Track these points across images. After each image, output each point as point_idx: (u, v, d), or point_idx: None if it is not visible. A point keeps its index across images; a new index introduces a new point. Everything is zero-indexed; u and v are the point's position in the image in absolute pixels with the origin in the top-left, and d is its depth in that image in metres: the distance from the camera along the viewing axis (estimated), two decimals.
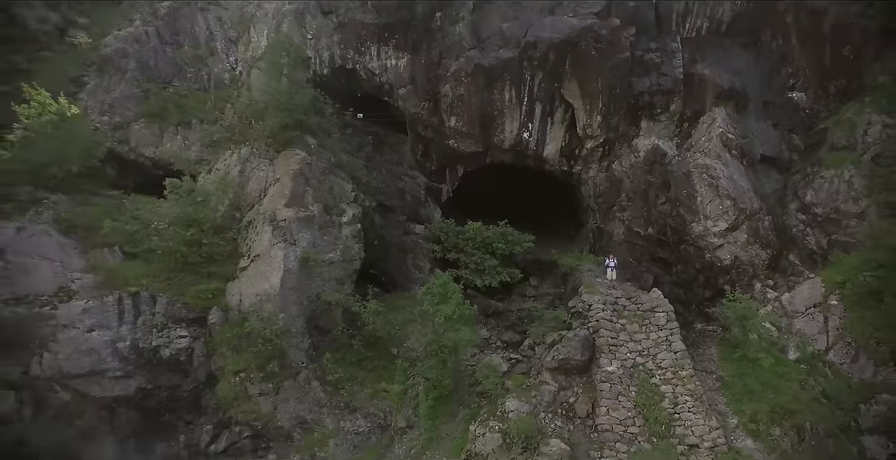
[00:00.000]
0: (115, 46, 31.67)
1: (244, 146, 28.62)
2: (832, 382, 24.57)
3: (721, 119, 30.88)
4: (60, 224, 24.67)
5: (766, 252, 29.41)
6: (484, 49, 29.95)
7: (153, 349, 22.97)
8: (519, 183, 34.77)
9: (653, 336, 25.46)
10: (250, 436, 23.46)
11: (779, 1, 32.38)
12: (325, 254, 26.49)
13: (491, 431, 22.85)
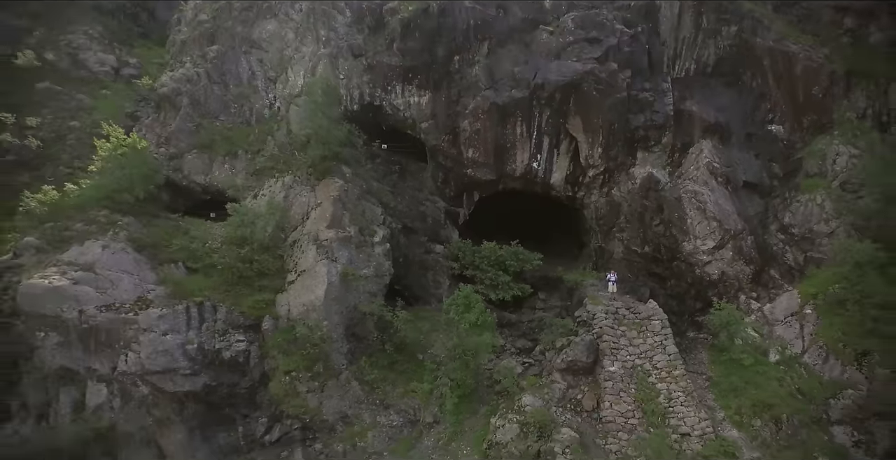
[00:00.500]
0: (171, 86, 36.07)
1: (287, 174, 32.92)
2: (806, 380, 28.43)
3: (708, 150, 35.29)
4: (134, 243, 28.69)
5: (749, 267, 33.55)
6: (498, 89, 34.52)
7: (216, 351, 26.80)
8: (528, 207, 39.06)
9: (649, 340, 29.39)
10: (299, 428, 27.14)
11: (756, 47, 37.35)
12: (360, 270, 30.54)
13: (510, 422, 26.66)
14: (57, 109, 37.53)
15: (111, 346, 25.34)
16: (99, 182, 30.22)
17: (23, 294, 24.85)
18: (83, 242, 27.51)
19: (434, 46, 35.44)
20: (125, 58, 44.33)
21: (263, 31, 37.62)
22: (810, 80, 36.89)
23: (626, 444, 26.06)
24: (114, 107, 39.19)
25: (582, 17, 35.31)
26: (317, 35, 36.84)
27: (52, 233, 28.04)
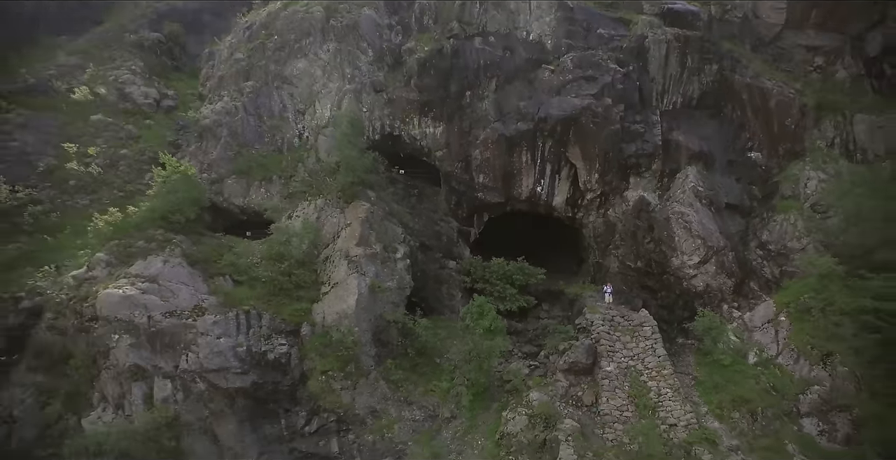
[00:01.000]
0: (212, 118, 40.79)
1: (319, 198, 37.39)
2: (779, 378, 32.57)
3: (693, 175, 39.90)
4: (188, 258, 32.97)
5: (731, 280, 37.91)
6: (505, 122, 39.28)
7: (262, 353, 30.90)
8: (533, 226, 43.56)
9: (641, 344, 33.65)
10: (335, 421, 31.10)
11: (735, 83, 42.25)
12: (385, 283, 34.85)
13: (519, 415, 30.83)
14: (109, 139, 42.26)
15: (174, 347, 29.52)
16: (154, 204, 34.69)
17: (101, 301, 29.13)
18: (146, 257, 31.85)
19: (448, 83, 40.31)
20: (164, 90, 49.21)
21: (294, 69, 42.38)
22: (783, 113, 41.77)
23: (621, 433, 30.22)
24: (157, 136, 43.92)
25: (580, 57, 40.18)
26: (342, 72, 41.67)
27: (118, 249, 32.37)
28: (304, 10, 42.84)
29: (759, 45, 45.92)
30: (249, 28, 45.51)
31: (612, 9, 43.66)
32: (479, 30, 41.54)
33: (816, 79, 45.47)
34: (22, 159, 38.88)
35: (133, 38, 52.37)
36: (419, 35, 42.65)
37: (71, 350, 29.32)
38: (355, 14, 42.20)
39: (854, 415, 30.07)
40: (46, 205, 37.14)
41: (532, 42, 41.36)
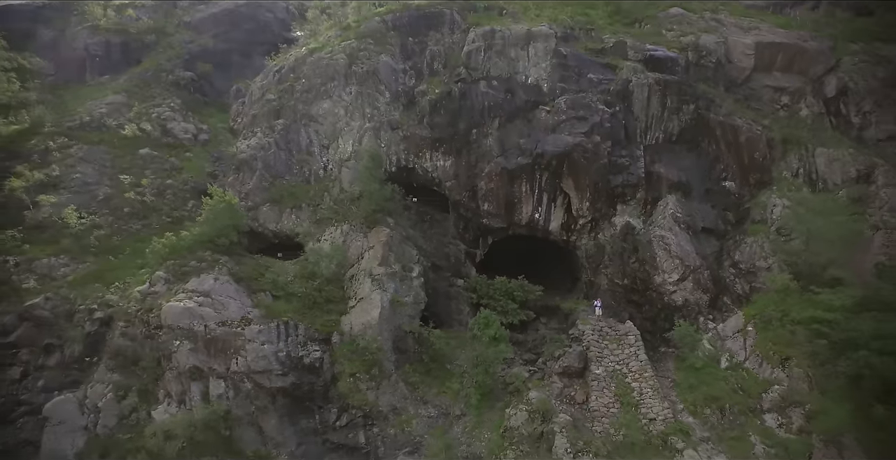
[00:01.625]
0: (248, 153, 46.81)
1: (345, 223, 43.21)
2: (745, 380, 37.95)
3: (672, 203, 45.79)
4: (233, 276, 38.65)
5: (706, 295, 43.52)
6: (507, 156, 45.32)
7: (299, 358, 36.36)
8: (533, 248, 49.31)
9: (626, 351, 39.08)
10: (361, 416, 36.44)
11: (710, 120, 48.32)
12: (403, 298, 40.53)
13: (520, 411, 36.22)
14: (156, 170, 48.28)
15: (225, 352, 34.99)
16: (203, 229, 40.49)
17: (165, 312, 34.74)
18: (199, 275, 37.54)
19: (456, 121, 46.51)
20: (199, 125, 55.37)
21: (320, 109, 48.48)
22: (752, 147, 47.89)
23: (608, 426, 35.62)
24: (197, 167, 49.94)
25: (572, 99, 46.37)
26: (363, 112, 47.80)
27: (174, 268, 38.08)
28: (329, 57, 49.13)
29: (732, 87, 52.29)
30: (279, 71, 51.81)
31: (601, 55, 49.91)
32: (484, 74, 47.91)
33: (783, 116, 51.92)
34: (84, 189, 44.80)
35: (170, 77, 58.80)
36: (430, 79, 49.01)
37: (140, 353, 34.86)
38: (374, 60, 48.48)
39: (806, 410, 35.38)
40: (107, 230, 43.01)
41: (530, 85, 47.65)
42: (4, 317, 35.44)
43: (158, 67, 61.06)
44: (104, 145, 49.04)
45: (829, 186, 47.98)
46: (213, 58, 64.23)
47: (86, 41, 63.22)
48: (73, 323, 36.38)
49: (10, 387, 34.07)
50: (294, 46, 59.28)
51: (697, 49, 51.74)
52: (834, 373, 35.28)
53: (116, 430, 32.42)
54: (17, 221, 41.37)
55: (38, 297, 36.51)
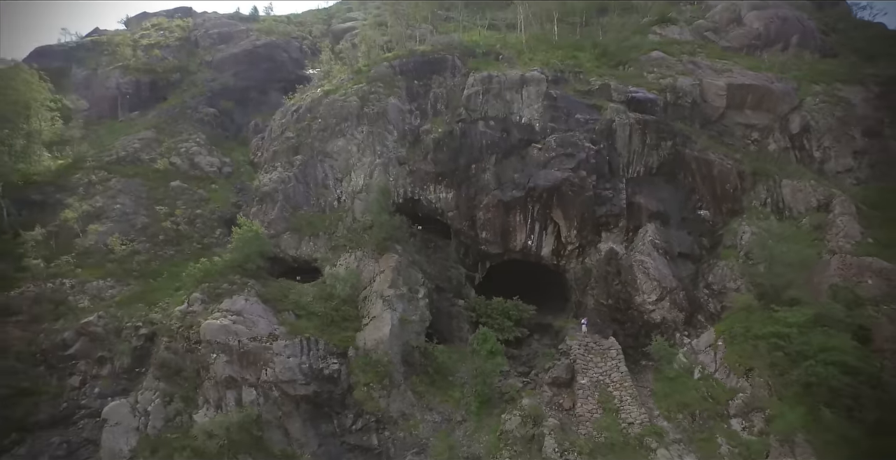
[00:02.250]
0: (270, 186, 52.72)
1: (358, 250, 48.89)
2: (714, 389, 43.18)
3: (651, 230, 51.53)
4: (261, 297, 44.24)
5: (682, 314, 49.00)
6: (503, 189, 51.21)
7: (319, 369, 41.72)
8: (527, 271, 54.95)
9: (608, 363, 44.48)
10: (374, 421, 41.67)
11: (686, 155, 54.28)
12: (411, 317, 46.01)
13: (514, 416, 41.48)
14: (187, 201, 54.08)
15: (256, 364, 40.40)
16: (233, 255, 46.19)
17: (204, 329, 40.25)
18: (231, 296, 43.15)
19: (457, 158, 52.53)
20: (223, 158, 61.37)
21: (335, 146, 54.50)
22: (724, 179, 53.81)
23: (591, 429, 40.86)
24: (222, 198, 55.79)
25: (561, 137, 52.42)
26: (373, 149, 53.78)
27: (209, 290, 43.67)
28: (343, 99, 55.32)
29: (707, 124, 58.54)
30: (297, 111, 58.03)
31: (588, 96, 56.12)
32: (482, 115, 54.11)
33: (753, 150, 58.12)
34: (124, 218, 50.50)
35: (196, 115, 65.00)
36: (434, 118, 55.23)
37: (182, 365, 40.26)
38: (383, 102, 54.66)
39: (766, 414, 40.62)
40: (146, 255, 48.65)
41: (524, 125, 53.75)
42: (64, 333, 41.01)
43: (184, 104, 67.32)
44: (139, 178, 54.97)
45: (794, 214, 53.73)
46: (233, 95, 70.53)
47: (118, 80, 69.68)
48: (122, 338, 41.86)
49: (72, 393, 39.46)
50: (309, 86, 65.75)
51: (675, 90, 58.03)
52: (789, 382, 40.42)
53: (164, 431, 37.67)
54: (69, 248, 47.11)
55: (92, 316, 42.04)
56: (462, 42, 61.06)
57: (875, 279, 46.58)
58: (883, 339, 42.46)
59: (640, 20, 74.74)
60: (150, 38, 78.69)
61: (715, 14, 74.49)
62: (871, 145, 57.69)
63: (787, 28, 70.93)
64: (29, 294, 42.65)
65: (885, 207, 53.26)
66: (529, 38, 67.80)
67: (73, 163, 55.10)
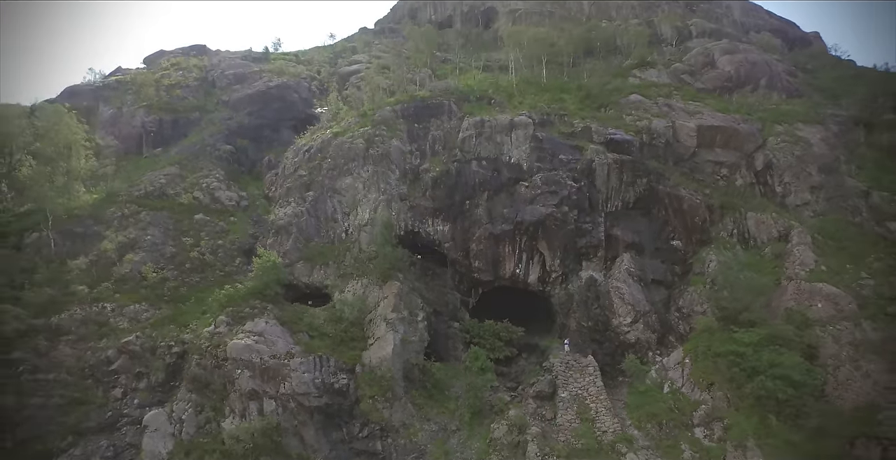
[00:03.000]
0: (285, 220, 59.51)
1: (364, 278, 55.43)
2: (681, 401, 49.32)
3: (627, 260, 58.18)
4: (278, 320, 50.70)
5: (654, 335, 55.41)
6: (494, 223, 58.00)
7: (330, 384, 47.97)
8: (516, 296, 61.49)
9: (586, 379, 50.68)
10: (378, 429, 47.76)
11: (660, 191, 61.16)
12: (411, 338, 52.37)
13: (502, 425, 47.68)
14: (210, 232, 60.87)
15: (275, 379, 46.70)
16: (254, 283, 52.79)
17: (230, 348, 46.66)
18: (253, 319, 49.65)
19: (453, 194, 59.42)
20: (240, 192, 68.34)
21: (343, 183, 61.41)
22: (693, 213, 60.64)
23: (569, 436, 46.99)
24: (241, 230, 62.58)
25: (546, 176, 59.31)
26: (378, 186, 60.66)
27: (233, 313, 50.14)
28: (350, 141, 62.40)
29: (679, 161, 65.54)
30: (308, 150, 65.10)
31: (571, 138, 63.21)
32: (475, 156, 61.18)
33: (722, 185, 65.05)
34: (154, 248, 57.21)
35: (215, 152, 72.13)
36: (432, 158, 62.26)
37: (210, 379, 46.60)
38: (387, 144, 61.75)
39: (724, 423, 46.75)
40: (175, 282, 55.25)
41: (513, 164, 60.78)
42: (108, 351, 47.40)
43: (203, 142, 74.47)
44: (167, 211, 61.79)
45: (758, 244, 60.44)
46: (248, 133, 77.75)
47: (143, 119, 77.10)
48: (157, 356, 48.21)
49: (115, 404, 45.70)
50: (318, 125, 72.94)
51: (650, 132, 65.08)
52: (745, 394, 46.53)
53: (196, 436, 43.84)
54: (108, 275, 53.72)
55: (131, 336, 48.47)
56: (458, 88, 68.52)
57: (824, 303, 52.95)
58: (827, 356, 48.79)
59: (623, 63, 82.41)
60: (170, 77, 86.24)
61: (691, 57, 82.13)
62: (827, 181, 64.44)
63: (755, 71, 78.48)
64: (77, 316, 49.17)
65: (838, 237, 59.96)
66: (520, 80, 75.26)
67: (108, 198, 61.99)
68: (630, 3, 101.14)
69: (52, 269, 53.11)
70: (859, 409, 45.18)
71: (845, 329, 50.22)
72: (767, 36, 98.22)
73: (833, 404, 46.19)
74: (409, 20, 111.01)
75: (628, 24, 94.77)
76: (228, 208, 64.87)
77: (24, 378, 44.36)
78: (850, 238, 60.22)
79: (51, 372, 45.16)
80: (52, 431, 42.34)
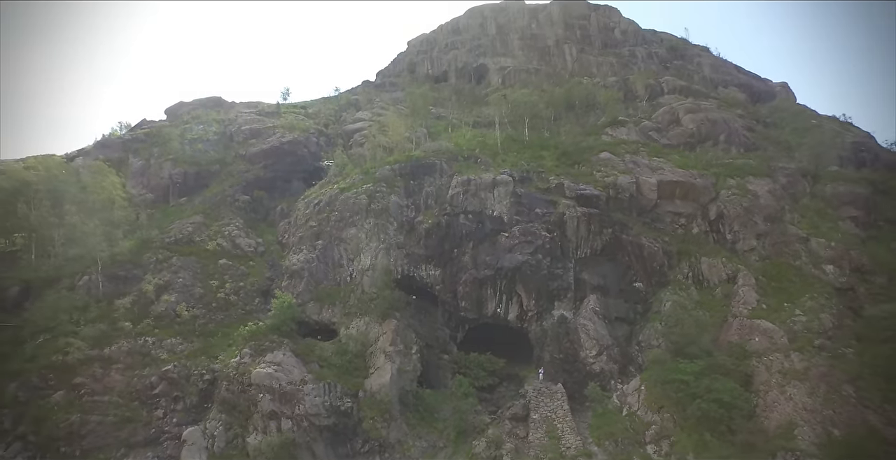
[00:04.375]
0: (298, 265, 70.55)
1: (366, 316, 66.16)
2: (636, 422, 59.29)
3: (594, 300, 68.82)
4: (293, 352, 61.25)
5: (616, 365, 65.65)
6: (478, 269, 68.97)
7: (337, 406, 58.12)
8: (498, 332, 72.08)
9: (555, 403, 60.79)
10: (378, 445, 57.63)
11: (623, 240, 72.19)
12: (406, 368, 62.81)
13: (482, 442, 57.85)
14: (232, 275, 71.80)
15: (291, 402, 56.95)
16: (273, 321, 63.55)
17: (255, 376, 57.13)
18: (273, 351, 60.22)
19: (443, 243, 70.54)
20: (257, 239, 79.50)
21: (348, 234, 72.59)
22: (653, 258, 71.52)
23: (538, 451, 56.98)
24: (259, 273, 73.52)
25: (523, 228, 70.47)
26: (378, 236, 71.77)
27: (255, 346, 60.72)
28: (354, 197, 73.88)
29: (642, 213, 76.76)
30: (318, 204, 76.54)
31: (546, 193, 74.60)
32: (463, 210, 72.44)
33: (679, 233, 76.15)
34: (185, 290, 68.08)
35: (235, 203, 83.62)
36: (425, 212, 73.56)
37: (237, 402, 56.96)
38: (386, 199, 73.17)
39: (671, 441, 56.74)
40: (204, 319, 66.01)
41: (495, 217, 71.99)
42: (151, 378, 57.85)
43: (223, 192, 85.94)
44: (194, 256, 72.79)
45: (710, 285, 71.23)
46: (263, 184, 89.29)
47: (169, 171, 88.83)
48: (191, 382, 58.64)
49: (158, 422, 55.86)
50: (326, 179, 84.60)
51: (616, 187, 76.40)
52: (688, 416, 56.46)
53: (226, 450, 54.03)
54: (148, 313, 64.55)
55: (169, 365, 58.99)
56: (448, 148, 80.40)
57: (760, 337, 63.49)
58: (759, 383, 59.09)
59: (599, 120, 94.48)
60: (192, 132, 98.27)
61: (658, 115, 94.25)
62: (772, 229, 75.44)
63: (715, 129, 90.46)
64: (124, 348, 59.75)
65: (779, 279, 70.67)
66: (505, 138, 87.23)
67: (143, 244, 73.04)
68: (609, 61, 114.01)
69: (101, 308, 63.90)
70: (781, 427, 55.32)
71: (776, 359, 60.58)
72: (734, 91, 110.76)
73: (760, 423, 56.36)
74: (409, 74, 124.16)
75: (607, 81, 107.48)
76: (248, 254, 75.95)
77: (84, 399, 54.75)
78: (789, 279, 70.94)
79: (105, 395, 55.44)
80: (109, 444, 52.42)
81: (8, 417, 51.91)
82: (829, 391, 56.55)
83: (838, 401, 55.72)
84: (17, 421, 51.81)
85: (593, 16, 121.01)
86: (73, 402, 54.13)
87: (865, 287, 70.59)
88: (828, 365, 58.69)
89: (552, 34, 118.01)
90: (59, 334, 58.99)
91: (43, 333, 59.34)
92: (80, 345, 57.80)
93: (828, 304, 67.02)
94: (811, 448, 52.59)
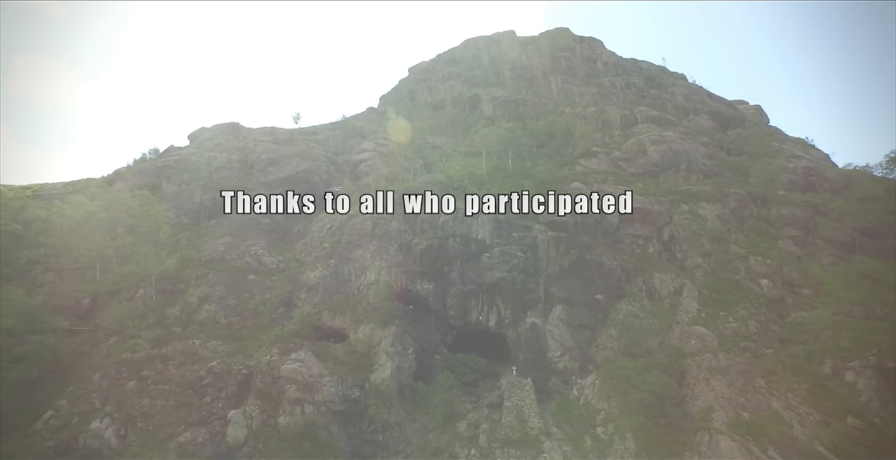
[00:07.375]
0: (315, 280, 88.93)
1: (371, 323, 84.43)
2: (589, 409, 77.55)
3: (560, 310, 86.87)
4: (313, 351, 79.56)
5: (577, 364, 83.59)
6: (464, 283, 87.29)
7: (348, 395, 76.25)
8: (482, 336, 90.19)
9: (524, 393, 78.70)
10: (381, 426, 75.35)
11: (587, 259, 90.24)
12: (403, 366, 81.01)
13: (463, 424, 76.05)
14: (260, 289, 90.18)
15: (312, 391, 75.11)
16: (295, 326, 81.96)
17: (283, 370, 75.41)
18: (296, 351, 78.54)
19: (435, 262, 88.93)
20: (277, 257, 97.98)
21: (356, 254, 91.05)
22: (611, 275, 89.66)
23: (509, 431, 74.97)
24: (280, 287, 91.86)
25: (502, 249, 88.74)
26: (381, 256, 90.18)
27: (282, 347, 79.05)
28: (361, 223, 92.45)
29: (605, 235, 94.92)
30: (331, 228, 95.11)
31: (523, 219, 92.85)
32: (452, 234, 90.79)
33: (637, 253, 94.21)
34: (221, 301, 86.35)
35: (259, 225, 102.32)
36: (420, 235, 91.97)
37: (269, 391, 75.21)
38: (388, 226, 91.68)
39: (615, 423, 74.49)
40: (238, 326, 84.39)
41: (479, 240, 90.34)
42: (199, 372, 76.18)
43: (255, 216, 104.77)
44: (226, 273, 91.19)
45: (661, 297, 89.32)
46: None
47: (200, 197, 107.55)
48: (231, 375, 76.99)
49: (207, 406, 73.99)
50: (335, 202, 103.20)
51: (583, 214, 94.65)
52: (628, 403, 74.47)
53: (262, 428, 72.24)
54: (193, 320, 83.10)
55: (214, 362, 77.29)
56: (440, 180, 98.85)
57: (696, 340, 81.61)
58: (690, 377, 77.15)
59: (574, 151, 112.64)
60: (217, 160, 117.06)
61: (627, 146, 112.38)
62: (717, 248, 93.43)
63: (677, 158, 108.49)
64: (177, 348, 78.21)
65: (719, 291, 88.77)
66: (491, 168, 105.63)
67: (183, 262, 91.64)
68: (590, 92, 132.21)
69: (155, 315, 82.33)
70: (703, 412, 73.38)
71: (706, 358, 78.66)
72: (704, 118, 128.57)
73: (687, 409, 74.40)
74: (409, 101, 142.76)
75: (587, 111, 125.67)
76: (271, 270, 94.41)
77: (151, 387, 73.26)
78: (727, 292, 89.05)
79: (166, 385, 73.85)
80: (172, 422, 70.64)
81: (98, 399, 70.39)
82: (745, 383, 74.70)
83: (751, 391, 73.80)
84: (104, 402, 70.28)
85: (578, 48, 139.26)
86: (143, 389, 72.57)
87: (793, 298, 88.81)
88: (748, 363, 76.88)
89: (540, 65, 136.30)
90: (126, 337, 77.53)
91: (113, 336, 77.93)
92: (144, 345, 76.29)
93: (757, 313, 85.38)
94: (723, 427, 70.51)
